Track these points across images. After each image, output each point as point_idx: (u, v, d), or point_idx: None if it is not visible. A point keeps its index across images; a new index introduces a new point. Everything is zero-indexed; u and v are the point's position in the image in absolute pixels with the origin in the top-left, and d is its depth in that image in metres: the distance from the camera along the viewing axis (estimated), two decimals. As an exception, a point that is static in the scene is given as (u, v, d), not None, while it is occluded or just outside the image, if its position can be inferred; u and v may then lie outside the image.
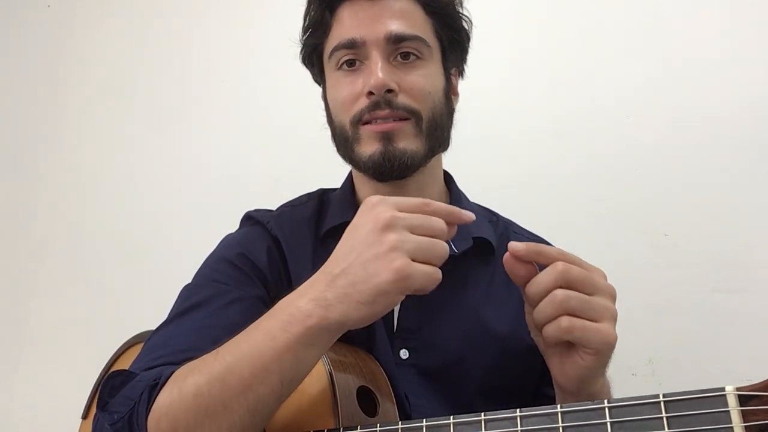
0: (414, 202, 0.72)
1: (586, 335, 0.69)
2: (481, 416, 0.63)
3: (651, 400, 0.55)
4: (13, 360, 1.87)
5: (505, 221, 1.09)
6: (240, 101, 1.80)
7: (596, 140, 1.41)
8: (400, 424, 0.70)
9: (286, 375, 0.70)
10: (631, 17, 1.43)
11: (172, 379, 0.74)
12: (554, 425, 0.59)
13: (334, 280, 0.70)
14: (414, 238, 0.69)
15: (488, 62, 1.51)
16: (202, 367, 0.73)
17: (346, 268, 0.69)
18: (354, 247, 0.70)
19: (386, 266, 0.67)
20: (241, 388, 0.70)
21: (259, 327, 0.73)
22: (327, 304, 0.69)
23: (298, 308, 0.70)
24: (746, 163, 1.28)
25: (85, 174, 1.94)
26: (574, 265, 0.72)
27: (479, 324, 0.95)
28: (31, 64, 2.10)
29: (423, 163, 0.95)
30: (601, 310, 0.70)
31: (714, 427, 0.51)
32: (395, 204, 0.71)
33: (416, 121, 0.93)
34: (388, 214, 0.69)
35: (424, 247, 0.69)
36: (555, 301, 0.70)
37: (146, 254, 1.79)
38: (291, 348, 0.69)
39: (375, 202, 0.72)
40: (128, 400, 0.75)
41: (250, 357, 0.70)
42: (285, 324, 0.70)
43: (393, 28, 0.92)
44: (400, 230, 0.69)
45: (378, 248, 0.68)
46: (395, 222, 0.69)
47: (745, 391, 0.51)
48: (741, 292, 1.24)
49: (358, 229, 0.71)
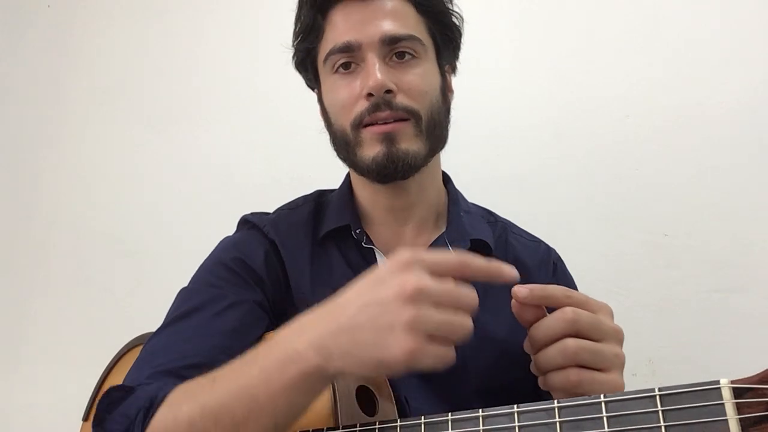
0: (451, 263, 0.65)
1: (594, 388, 0.68)
2: (478, 412, 0.63)
3: (647, 394, 0.55)
4: (13, 360, 1.87)
5: (503, 222, 1.09)
6: (240, 102, 1.80)
7: (596, 140, 1.41)
8: (398, 422, 0.69)
9: (279, 418, 0.68)
10: (632, 17, 1.43)
11: (168, 403, 0.73)
12: (551, 420, 0.59)
13: (339, 332, 0.64)
14: (437, 318, 0.61)
15: (488, 62, 1.52)
16: (198, 395, 0.71)
17: (354, 325, 0.63)
18: (369, 304, 0.63)
19: (398, 344, 0.60)
20: (233, 427, 0.67)
21: (256, 361, 0.69)
22: (327, 355, 0.64)
23: (296, 351, 0.65)
24: (746, 162, 1.28)
25: (85, 174, 1.94)
26: (582, 311, 0.70)
27: (477, 327, 0.94)
28: (31, 64, 2.10)
29: (425, 162, 0.95)
30: (610, 359, 0.69)
31: (709, 419, 0.51)
32: (429, 266, 0.63)
33: (416, 121, 0.92)
34: (417, 284, 0.61)
35: (445, 327, 0.62)
36: (565, 351, 0.68)
37: (146, 255, 1.80)
38: (285, 392, 0.66)
39: (407, 261, 0.63)
40: (125, 418, 0.74)
41: (244, 396, 0.67)
42: (281, 365, 0.66)
43: (387, 28, 0.92)
44: (425, 306, 0.61)
45: (395, 319, 0.61)
46: (422, 297, 0.61)
47: (739, 383, 0.51)
48: (741, 292, 1.24)
49: (380, 287, 0.63)
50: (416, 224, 1.00)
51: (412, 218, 1.00)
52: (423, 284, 0.61)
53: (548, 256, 1.06)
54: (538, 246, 1.07)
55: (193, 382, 0.73)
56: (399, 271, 0.63)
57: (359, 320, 0.63)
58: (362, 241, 0.97)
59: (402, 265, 0.63)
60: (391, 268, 0.64)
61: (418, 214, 1.00)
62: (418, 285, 0.61)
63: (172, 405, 0.72)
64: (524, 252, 1.04)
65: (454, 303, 0.63)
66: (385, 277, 0.63)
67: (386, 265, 0.65)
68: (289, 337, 0.68)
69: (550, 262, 1.05)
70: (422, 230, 1.00)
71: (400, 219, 1.00)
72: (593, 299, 0.73)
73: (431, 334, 0.61)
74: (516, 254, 1.03)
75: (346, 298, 0.66)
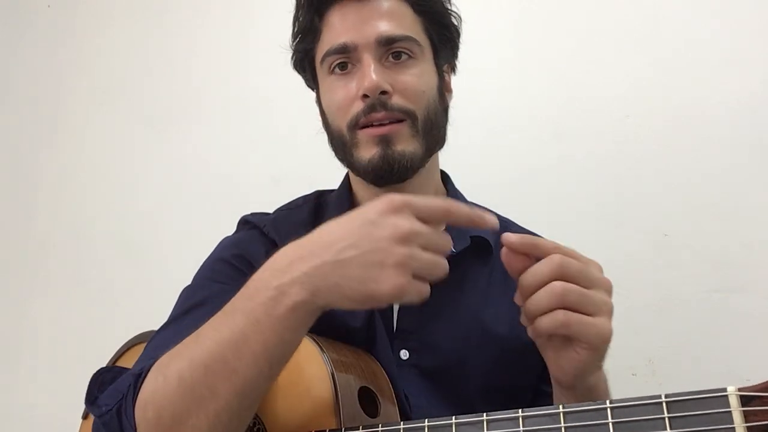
0: (438, 209, 0.70)
1: (582, 330, 0.69)
2: (483, 416, 0.63)
3: (653, 401, 0.55)
4: (13, 360, 1.87)
5: (503, 220, 1.09)
6: (240, 101, 1.80)
7: (596, 140, 1.41)
8: (402, 425, 0.70)
9: (273, 357, 0.70)
10: (632, 17, 1.43)
11: (156, 367, 0.74)
12: (556, 425, 0.59)
13: (327, 268, 0.67)
14: (424, 258, 0.67)
15: (488, 62, 1.52)
16: (183, 352, 0.73)
17: (344, 261, 0.67)
18: (359, 242, 0.67)
19: (388, 280, 0.65)
20: (227, 373, 0.69)
21: (239, 309, 0.71)
22: (315, 290, 0.67)
23: (281, 291, 0.68)
24: (746, 162, 1.28)
25: (85, 174, 1.94)
26: (571, 258, 0.71)
27: (478, 324, 0.95)
28: (31, 64, 2.10)
29: (422, 163, 0.95)
30: (598, 304, 0.70)
31: (716, 427, 0.51)
32: (418, 211, 0.68)
33: (412, 122, 0.92)
34: (411, 228, 0.67)
35: (428, 267, 0.68)
36: (552, 293, 0.69)
37: (146, 254, 1.79)
38: (276, 332, 0.68)
39: (399, 205, 0.68)
40: (117, 393, 0.75)
41: (234, 342, 0.69)
42: (268, 307, 0.68)
43: (383, 29, 0.92)
44: (414, 247, 0.67)
45: (385, 258, 0.66)
46: (413, 238, 0.67)
47: (746, 391, 0.51)
48: (741, 292, 1.24)
49: (372, 228, 0.68)
50: None
51: None
52: (415, 228, 0.67)
53: (548, 254, 1.06)
54: None
55: (179, 344, 0.74)
56: (391, 214, 0.68)
57: (349, 256, 0.67)
58: None
59: (394, 208, 0.68)
60: (381, 210, 0.68)
61: None
62: (411, 229, 0.67)
63: (160, 367, 0.74)
64: (524, 250, 1.04)
65: (437, 246, 0.69)
66: (376, 218, 0.68)
67: (375, 207, 0.69)
68: (271, 278, 0.70)
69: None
70: (421, 229, 1.00)
71: None
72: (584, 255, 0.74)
73: (416, 273, 0.67)
74: None
75: (332, 236, 0.69)
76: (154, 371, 0.74)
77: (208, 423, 0.69)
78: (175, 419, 0.70)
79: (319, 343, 0.82)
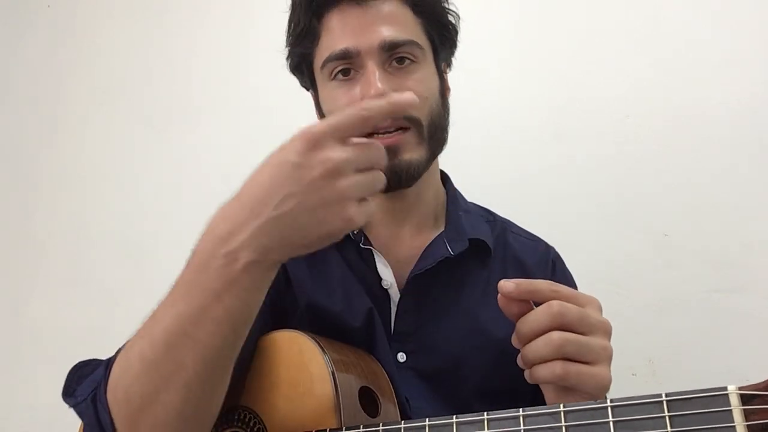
0: (352, 122, 0.66)
1: (580, 381, 0.68)
2: (483, 416, 0.63)
3: (653, 400, 0.55)
4: (13, 360, 1.87)
5: (502, 221, 1.09)
6: (241, 101, 1.80)
7: (596, 140, 1.41)
8: (403, 424, 0.70)
9: (237, 321, 0.69)
10: (631, 17, 1.43)
11: (122, 351, 0.75)
12: (557, 424, 0.59)
13: (268, 225, 0.65)
14: (361, 181, 0.66)
15: (488, 62, 1.52)
16: (142, 333, 0.72)
17: (285, 213, 0.65)
18: (293, 189, 0.64)
19: (337, 216, 0.65)
20: (190, 344, 0.68)
21: (191, 282, 0.69)
22: (264, 249, 0.66)
23: (231, 258, 0.66)
24: (746, 162, 1.28)
25: (85, 174, 1.94)
26: (569, 304, 0.69)
27: (477, 326, 0.94)
28: (31, 64, 2.10)
29: (427, 168, 0.95)
30: (597, 351, 0.69)
31: (716, 426, 0.51)
32: (335, 135, 0.65)
33: (417, 130, 0.91)
34: (338, 159, 0.64)
35: (368, 187, 0.67)
36: (550, 343, 0.68)
37: (146, 254, 1.79)
38: (236, 295, 0.67)
39: (314, 138, 0.65)
40: (93, 383, 0.76)
41: (192, 314, 0.68)
42: (222, 275, 0.66)
43: (386, 34, 0.90)
44: (349, 175, 0.65)
45: (327, 196, 0.64)
46: (345, 167, 0.64)
47: (747, 390, 0.51)
48: (741, 292, 1.24)
49: (299, 171, 0.65)
50: (414, 225, 1.00)
51: (410, 219, 1.00)
52: (342, 157, 0.64)
53: (547, 254, 1.05)
54: (537, 245, 1.07)
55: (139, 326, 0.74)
56: (312, 151, 0.64)
57: (289, 207, 0.64)
58: (360, 242, 0.96)
59: (311, 144, 0.64)
60: (299, 149, 0.65)
61: (417, 215, 1.00)
62: (339, 159, 0.64)
63: (124, 350, 0.74)
64: (523, 251, 1.03)
65: (372, 163, 0.67)
66: (300, 160, 0.64)
67: (294, 148, 0.65)
68: (216, 247, 0.67)
69: (549, 261, 1.04)
70: (421, 230, 1.00)
71: (399, 220, 0.99)
72: (581, 293, 0.73)
73: (360, 196, 0.65)
74: (515, 253, 1.03)
75: (263, 190, 0.66)
76: (120, 356, 0.75)
77: (179, 396, 0.69)
78: (145, 398, 0.70)
79: (320, 343, 0.82)
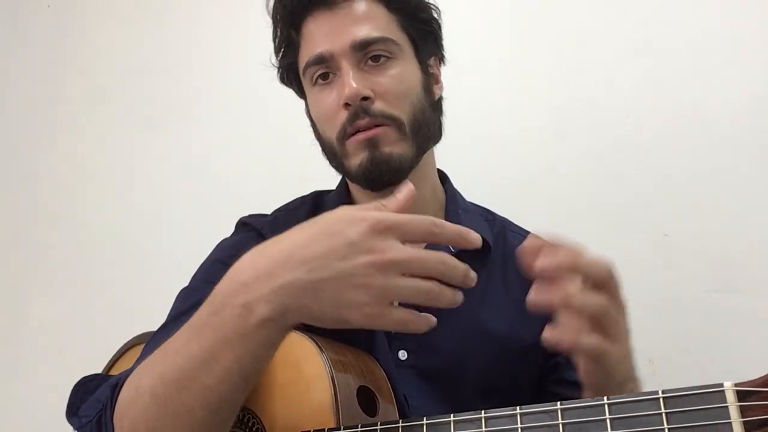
0: (422, 227, 0.65)
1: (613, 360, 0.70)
2: (481, 414, 0.63)
3: (650, 397, 0.56)
4: (13, 360, 1.87)
5: (501, 220, 1.09)
6: (240, 102, 1.80)
7: (596, 140, 1.41)
8: (400, 422, 0.70)
9: (247, 371, 0.68)
10: (631, 17, 1.43)
11: (130, 379, 0.74)
12: (554, 422, 0.59)
13: (295, 286, 0.64)
14: (403, 285, 0.63)
15: (488, 62, 1.52)
16: (155, 367, 0.71)
17: (316, 281, 0.63)
18: (334, 263, 0.63)
19: (360, 308, 0.63)
20: (201, 389, 0.67)
21: (207, 324, 0.68)
22: (282, 309, 0.64)
23: (248, 309, 0.65)
24: (746, 162, 1.28)
25: (85, 174, 1.94)
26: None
27: (477, 324, 0.94)
28: (30, 64, 2.10)
29: (414, 163, 0.95)
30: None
31: (713, 422, 0.52)
32: (403, 234, 0.64)
33: (397, 126, 0.92)
34: (391, 258, 0.62)
35: (411, 294, 0.64)
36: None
37: (146, 254, 1.79)
38: (247, 348, 0.66)
39: (383, 228, 0.63)
40: (98, 403, 0.75)
41: (204, 359, 0.67)
42: (236, 325, 0.65)
43: (358, 34, 0.92)
44: (393, 276, 0.62)
45: (362, 283, 0.62)
46: (394, 268, 0.62)
47: (743, 386, 0.51)
48: (741, 292, 1.24)
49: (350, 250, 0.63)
50: None
51: None
52: (398, 257, 0.62)
53: (546, 253, 1.05)
54: None
55: (152, 354, 0.73)
56: (372, 237, 0.62)
57: (323, 277, 0.63)
58: None
59: (376, 231, 0.63)
60: (362, 230, 0.63)
61: (414, 213, 1.00)
62: (393, 258, 0.62)
63: (135, 377, 0.73)
64: (522, 249, 1.04)
65: (424, 270, 0.64)
66: (357, 240, 0.63)
67: (357, 227, 0.63)
68: (236, 293, 0.67)
69: None
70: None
71: None
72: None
73: (398, 300, 0.63)
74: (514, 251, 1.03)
75: (304, 251, 0.64)
76: (128, 383, 0.73)
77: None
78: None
79: (318, 343, 0.82)
